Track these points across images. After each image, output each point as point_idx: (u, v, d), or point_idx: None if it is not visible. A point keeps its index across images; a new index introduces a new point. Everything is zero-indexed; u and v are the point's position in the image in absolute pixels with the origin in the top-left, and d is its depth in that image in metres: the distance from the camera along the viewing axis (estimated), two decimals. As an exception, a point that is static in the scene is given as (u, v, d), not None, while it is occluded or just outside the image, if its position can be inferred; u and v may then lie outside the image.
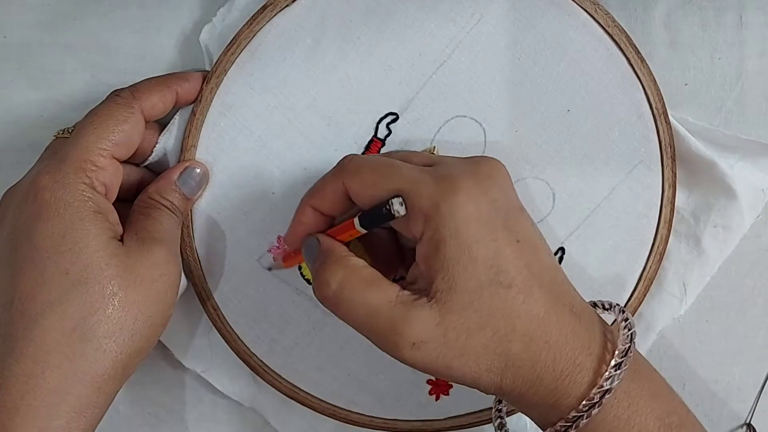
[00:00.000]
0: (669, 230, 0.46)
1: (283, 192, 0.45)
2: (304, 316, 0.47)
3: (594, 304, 0.40)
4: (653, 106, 0.44)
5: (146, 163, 0.45)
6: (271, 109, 0.44)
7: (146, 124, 0.42)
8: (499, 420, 0.42)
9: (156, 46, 0.46)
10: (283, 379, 0.48)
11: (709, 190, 0.47)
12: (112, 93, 0.42)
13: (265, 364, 0.48)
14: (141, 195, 0.43)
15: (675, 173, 0.45)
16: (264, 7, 0.43)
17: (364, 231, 0.38)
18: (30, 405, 0.36)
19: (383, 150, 0.45)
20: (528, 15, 0.43)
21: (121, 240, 0.40)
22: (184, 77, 0.43)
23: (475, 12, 0.43)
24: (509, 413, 0.43)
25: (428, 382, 0.48)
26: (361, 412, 0.49)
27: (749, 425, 0.50)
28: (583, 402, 0.35)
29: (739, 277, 0.49)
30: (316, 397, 0.48)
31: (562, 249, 0.46)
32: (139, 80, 0.43)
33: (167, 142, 0.44)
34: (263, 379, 0.48)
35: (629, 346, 0.36)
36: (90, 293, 0.37)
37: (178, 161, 0.45)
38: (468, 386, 0.37)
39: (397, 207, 0.36)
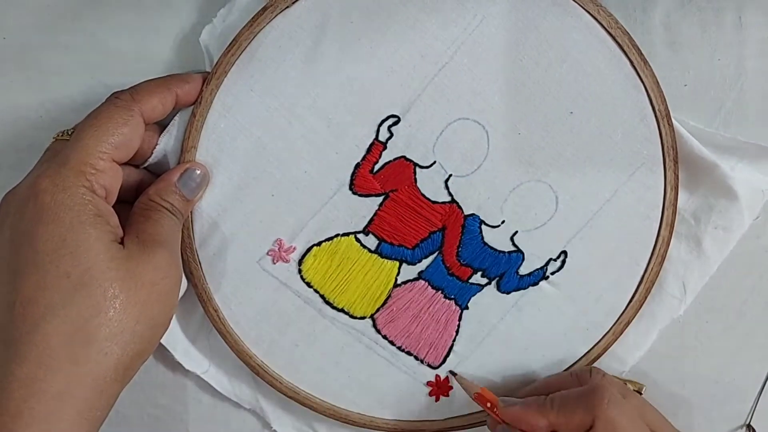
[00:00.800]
0: (671, 232, 0.46)
1: (283, 194, 0.45)
2: (304, 318, 0.47)
3: None
4: (656, 108, 0.44)
5: (146, 165, 0.45)
6: (271, 111, 0.44)
7: (146, 126, 0.42)
8: None
9: (155, 48, 0.46)
10: (284, 379, 0.48)
11: (710, 191, 0.47)
12: (111, 95, 0.41)
13: (266, 365, 0.48)
14: (141, 197, 0.43)
15: (677, 175, 0.45)
16: (264, 8, 0.43)
17: None
18: (33, 408, 0.35)
19: (384, 153, 0.45)
20: (530, 16, 0.43)
21: (122, 243, 0.40)
22: (184, 79, 0.43)
23: (477, 13, 0.43)
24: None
25: (428, 383, 0.48)
26: (361, 413, 0.49)
27: (749, 426, 0.50)
28: None
29: (739, 277, 0.49)
30: (316, 398, 0.48)
31: (564, 252, 0.46)
32: (138, 82, 0.42)
33: (167, 143, 0.44)
34: (264, 380, 0.48)
35: None
36: (91, 296, 0.37)
37: (178, 163, 0.44)
38: None
39: None
